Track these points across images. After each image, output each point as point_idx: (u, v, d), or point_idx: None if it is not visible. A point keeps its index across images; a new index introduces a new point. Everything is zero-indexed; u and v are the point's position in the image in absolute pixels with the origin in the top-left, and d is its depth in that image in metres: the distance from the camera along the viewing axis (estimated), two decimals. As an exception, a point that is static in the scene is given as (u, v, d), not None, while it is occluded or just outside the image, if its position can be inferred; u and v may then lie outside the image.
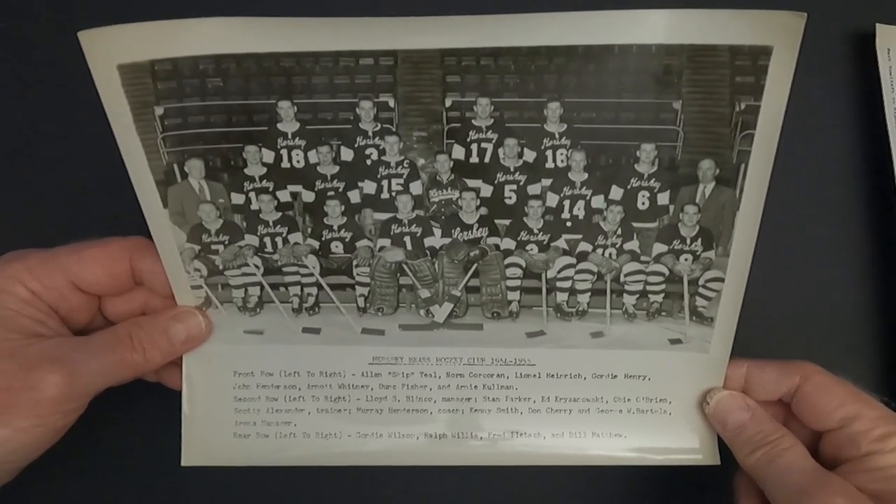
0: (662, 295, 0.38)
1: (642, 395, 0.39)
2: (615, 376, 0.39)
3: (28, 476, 0.35)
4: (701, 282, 0.37)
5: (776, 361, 0.37)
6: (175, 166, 0.35)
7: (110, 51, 0.32)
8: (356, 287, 0.38)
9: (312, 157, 0.35)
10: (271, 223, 0.37)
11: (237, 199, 0.36)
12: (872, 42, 0.44)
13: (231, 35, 0.32)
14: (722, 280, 0.37)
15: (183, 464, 0.39)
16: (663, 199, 0.36)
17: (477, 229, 0.37)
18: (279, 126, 0.35)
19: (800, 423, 0.37)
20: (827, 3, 0.44)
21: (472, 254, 0.37)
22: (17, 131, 0.44)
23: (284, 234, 0.37)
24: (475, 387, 0.39)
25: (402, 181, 0.36)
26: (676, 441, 0.39)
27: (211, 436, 0.39)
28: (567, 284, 0.38)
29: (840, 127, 0.44)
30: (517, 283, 0.38)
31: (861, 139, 0.44)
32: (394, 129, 0.35)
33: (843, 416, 0.35)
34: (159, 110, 0.33)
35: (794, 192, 0.43)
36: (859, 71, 0.44)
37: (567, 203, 0.36)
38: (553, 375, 0.39)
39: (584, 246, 0.37)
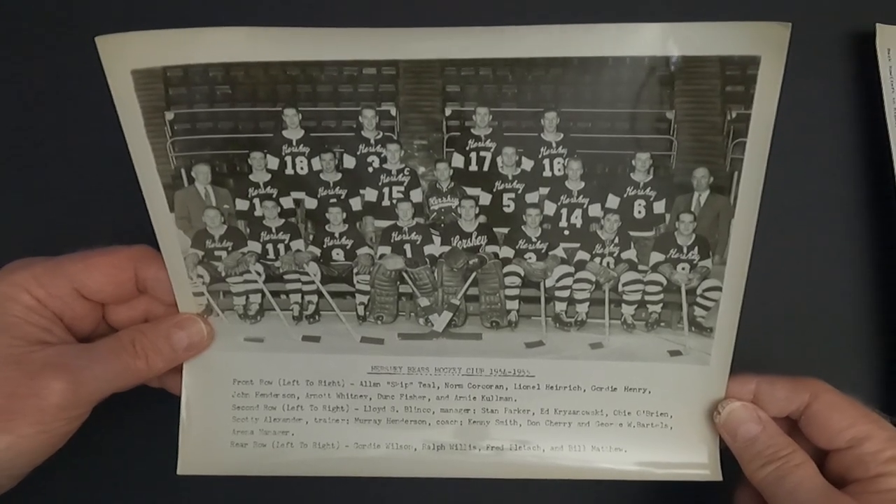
0: (661, 305, 0.38)
1: (642, 408, 0.39)
2: (615, 389, 0.39)
3: (25, 482, 0.35)
4: (699, 291, 0.37)
5: (785, 378, 0.36)
6: (182, 171, 0.36)
7: (125, 56, 0.33)
8: (356, 295, 0.38)
9: (316, 164, 0.36)
10: (274, 230, 0.37)
11: (241, 205, 0.37)
12: (872, 42, 0.44)
13: (240, 44, 0.33)
14: (720, 289, 0.37)
15: (179, 472, 0.38)
16: (659, 207, 0.37)
17: (476, 237, 0.37)
18: (284, 133, 0.36)
19: (806, 440, 0.36)
20: (827, 3, 0.45)
21: (471, 262, 0.38)
22: (24, 136, 0.45)
23: (287, 241, 0.37)
24: (473, 398, 0.39)
25: (402, 189, 0.37)
26: (678, 456, 0.39)
27: (208, 444, 0.39)
28: (565, 294, 0.38)
29: (840, 127, 0.44)
30: (516, 291, 0.38)
31: (861, 139, 0.44)
32: (395, 138, 0.36)
33: (853, 436, 0.34)
34: (169, 115, 0.34)
35: (794, 193, 0.43)
36: (859, 71, 0.44)
37: (564, 211, 0.37)
38: (552, 387, 0.39)
39: (582, 255, 0.37)
